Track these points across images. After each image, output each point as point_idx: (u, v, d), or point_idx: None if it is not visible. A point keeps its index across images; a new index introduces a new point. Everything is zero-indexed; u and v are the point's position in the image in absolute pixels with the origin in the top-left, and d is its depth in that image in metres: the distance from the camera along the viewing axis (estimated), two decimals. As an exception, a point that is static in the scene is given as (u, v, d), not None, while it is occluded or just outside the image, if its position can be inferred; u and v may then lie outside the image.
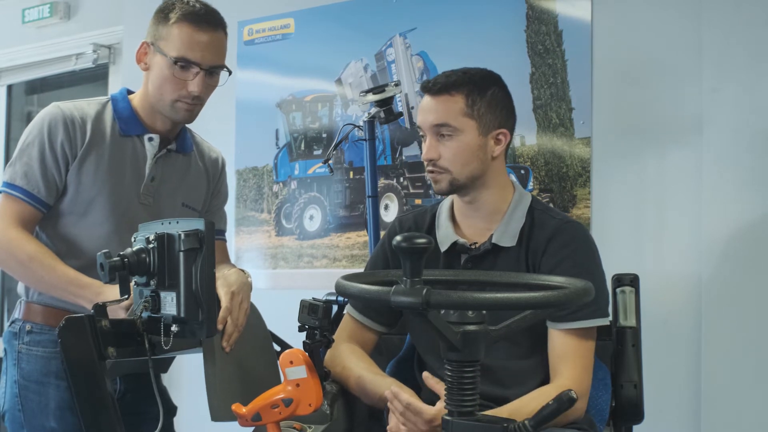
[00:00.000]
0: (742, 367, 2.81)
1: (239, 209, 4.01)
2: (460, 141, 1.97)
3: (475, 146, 1.98)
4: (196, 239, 1.73)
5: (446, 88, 1.97)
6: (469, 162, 1.98)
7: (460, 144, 1.97)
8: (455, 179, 1.99)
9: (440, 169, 1.99)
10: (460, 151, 1.97)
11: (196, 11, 2.11)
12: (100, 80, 4.80)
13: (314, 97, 3.85)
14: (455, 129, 1.97)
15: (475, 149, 1.98)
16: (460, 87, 1.97)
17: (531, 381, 1.95)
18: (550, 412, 1.41)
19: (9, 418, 2.16)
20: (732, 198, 2.86)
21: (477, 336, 1.39)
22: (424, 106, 2.01)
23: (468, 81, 1.98)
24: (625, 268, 2.16)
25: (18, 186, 2.11)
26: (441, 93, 1.98)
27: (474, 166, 1.99)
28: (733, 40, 2.88)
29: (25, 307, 2.18)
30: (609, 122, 3.14)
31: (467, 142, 1.97)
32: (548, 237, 1.97)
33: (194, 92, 2.11)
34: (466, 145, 1.97)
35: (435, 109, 1.98)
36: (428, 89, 2.00)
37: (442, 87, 1.98)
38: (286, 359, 1.71)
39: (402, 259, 1.34)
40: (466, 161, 1.98)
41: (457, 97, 1.97)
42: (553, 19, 3.25)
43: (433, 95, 1.99)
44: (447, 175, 1.99)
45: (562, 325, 1.91)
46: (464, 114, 1.97)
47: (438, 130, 1.98)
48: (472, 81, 1.98)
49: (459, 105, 1.97)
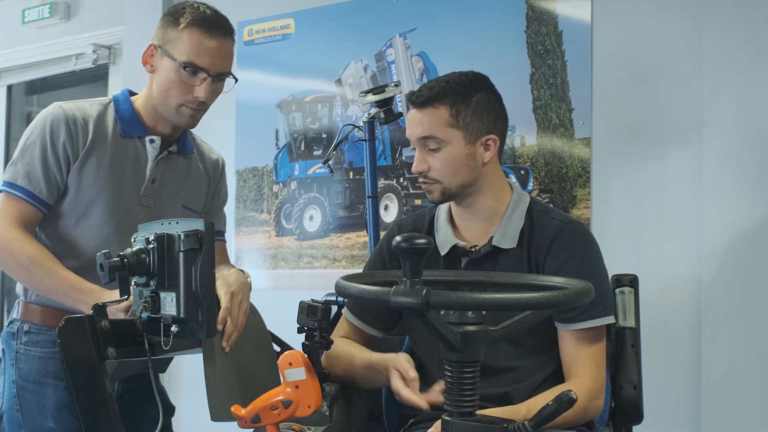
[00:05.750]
0: (742, 367, 2.81)
1: (239, 209, 4.01)
2: (448, 152, 1.97)
3: (463, 155, 1.98)
4: (196, 239, 1.73)
5: (430, 100, 1.97)
6: (459, 171, 1.98)
7: (448, 155, 1.97)
8: (447, 189, 2.00)
9: (431, 180, 2.00)
10: (449, 162, 1.97)
11: (207, 17, 2.10)
12: (100, 80, 4.80)
13: (314, 98, 3.86)
14: (441, 141, 1.97)
15: (464, 158, 1.98)
16: (443, 98, 1.97)
17: (534, 381, 1.96)
18: (550, 412, 1.41)
19: (7, 419, 2.16)
20: (732, 198, 2.86)
21: (477, 336, 1.39)
22: (410, 118, 2.02)
23: (451, 91, 1.97)
24: (624, 269, 2.16)
25: (20, 186, 2.10)
26: (425, 105, 1.98)
27: (464, 174, 1.99)
28: (733, 40, 2.88)
29: (23, 308, 2.17)
30: (609, 123, 3.14)
31: (454, 153, 1.97)
32: (551, 238, 1.97)
33: (200, 98, 2.10)
34: (453, 155, 1.97)
35: (420, 121, 1.98)
36: (413, 102, 2.00)
37: (426, 99, 1.97)
38: (285, 361, 1.71)
39: (402, 259, 1.34)
40: (455, 171, 1.98)
41: (441, 109, 1.97)
42: (553, 19, 3.25)
43: (418, 108, 1.99)
44: (438, 185, 2.00)
45: (573, 326, 1.92)
46: (449, 125, 1.97)
47: (425, 142, 1.99)
48: (455, 90, 1.98)
49: (443, 117, 1.96)
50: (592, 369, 1.92)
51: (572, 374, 1.93)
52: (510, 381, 1.95)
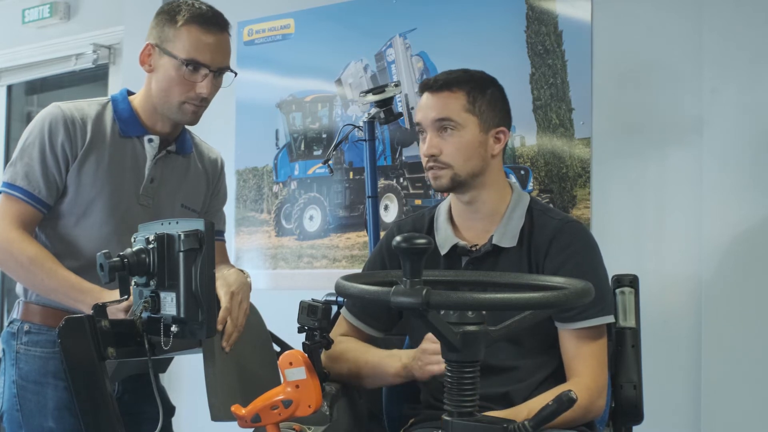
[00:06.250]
0: (742, 367, 2.81)
1: (239, 209, 4.01)
2: (462, 136, 1.98)
3: (477, 142, 1.99)
4: (196, 239, 1.73)
5: (448, 84, 2.00)
6: (471, 157, 1.99)
7: (462, 139, 1.98)
8: (457, 174, 2.00)
9: (442, 164, 2.00)
10: (462, 146, 1.99)
11: (204, 13, 2.11)
12: (100, 80, 4.80)
13: (314, 98, 3.86)
14: (457, 124, 1.98)
15: (477, 145, 1.99)
16: (461, 84, 2.00)
17: (534, 380, 1.96)
18: (549, 412, 1.41)
19: (7, 419, 2.16)
20: (732, 198, 2.86)
21: (477, 336, 1.39)
22: (424, 103, 2.02)
23: (469, 79, 2.01)
24: (624, 269, 2.17)
25: (19, 186, 2.11)
26: (442, 89, 2.00)
27: (475, 162, 2.00)
28: (733, 40, 2.88)
29: (23, 308, 2.17)
30: (609, 123, 3.14)
31: (469, 138, 1.99)
32: (550, 238, 1.98)
33: (203, 94, 2.11)
34: (467, 140, 1.99)
35: (436, 105, 2.00)
36: (429, 86, 2.02)
37: (444, 83, 2.00)
38: (285, 360, 1.71)
39: (402, 259, 1.34)
40: (468, 156, 1.99)
41: (459, 94, 1.99)
42: (553, 19, 3.25)
43: (434, 92, 2.01)
44: (449, 170, 2.00)
45: (573, 325, 1.93)
46: (466, 110, 1.99)
47: (440, 124, 1.99)
48: (473, 79, 2.02)
49: (461, 101, 1.99)
50: (593, 368, 1.92)
51: (573, 374, 1.93)
52: (510, 380, 1.95)
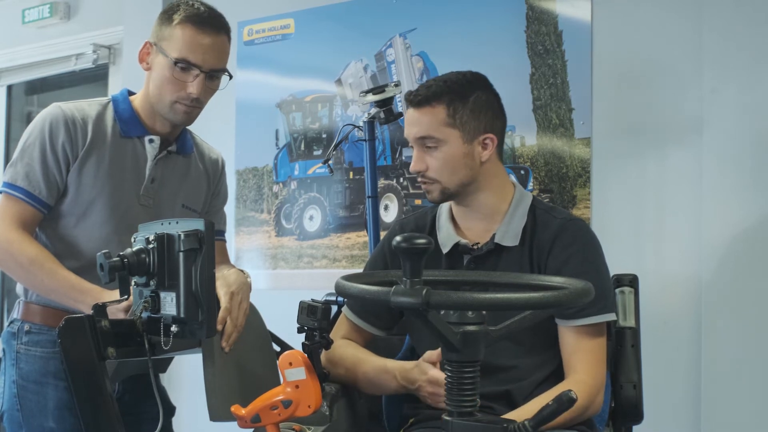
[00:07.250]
0: (742, 367, 2.81)
1: (239, 209, 4.01)
2: (445, 152, 1.98)
3: (460, 155, 1.98)
4: (196, 239, 1.73)
5: (427, 99, 1.98)
6: (457, 170, 1.99)
7: (445, 155, 1.98)
8: (446, 188, 2.00)
9: (429, 179, 2.01)
10: (446, 161, 1.98)
11: (200, 13, 2.11)
12: (100, 80, 4.80)
13: (314, 98, 3.86)
14: (439, 140, 1.98)
15: (461, 157, 1.99)
16: (440, 97, 1.98)
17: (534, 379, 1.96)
18: (549, 412, 1.41)
19: (7, 419, 2.16)
20: (732, 198, 2.86)
21: (477, 336, 1.39)
22: (408, 118, 2.03)
23: (448, 90, 1.98)
24: (624, 269, 2.17)
25: (19, 186, 2.10)
26: (422, 105, 1.99)
27: (463, 173, 1.99)
28: (733, 40, 2.88)
29: (23, 308, 2.17)
30: (609, 123, 3.13)
31: (452, 152, 1.98)
32: (552, 236, 1.98)
33: (193, 94, 2.10)
34: (451, 155, 1.98)
35: (418, 121, 1.99)
36: (410, 101, 2.01)
37: (423, 99, 1.99)
38: (285, 361, 1.72)
39: (402, 259, 1.34)
40: (453, 170, 1.99)
41: (438, 108, 1.97)
42: (553, 19, 3.25)
43: (416, 107, 2.00)
44: (437, 185, 2.01)
45: (573, 322, 1.93)
46: (446, 124, 1.97)
47: (423, 142, 1.99)
48: (452, 90, 1.99)
49: (440, 116, 1.97)
50: (592, 365, 1.92)
51: (571, 370, 1.93)
52: (510, 379, 1.95)
